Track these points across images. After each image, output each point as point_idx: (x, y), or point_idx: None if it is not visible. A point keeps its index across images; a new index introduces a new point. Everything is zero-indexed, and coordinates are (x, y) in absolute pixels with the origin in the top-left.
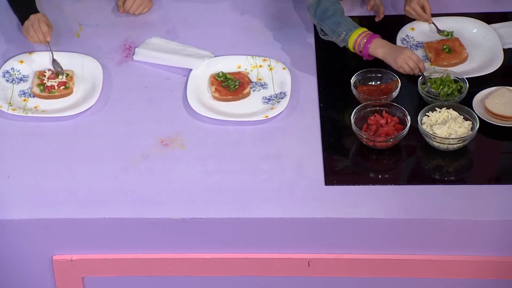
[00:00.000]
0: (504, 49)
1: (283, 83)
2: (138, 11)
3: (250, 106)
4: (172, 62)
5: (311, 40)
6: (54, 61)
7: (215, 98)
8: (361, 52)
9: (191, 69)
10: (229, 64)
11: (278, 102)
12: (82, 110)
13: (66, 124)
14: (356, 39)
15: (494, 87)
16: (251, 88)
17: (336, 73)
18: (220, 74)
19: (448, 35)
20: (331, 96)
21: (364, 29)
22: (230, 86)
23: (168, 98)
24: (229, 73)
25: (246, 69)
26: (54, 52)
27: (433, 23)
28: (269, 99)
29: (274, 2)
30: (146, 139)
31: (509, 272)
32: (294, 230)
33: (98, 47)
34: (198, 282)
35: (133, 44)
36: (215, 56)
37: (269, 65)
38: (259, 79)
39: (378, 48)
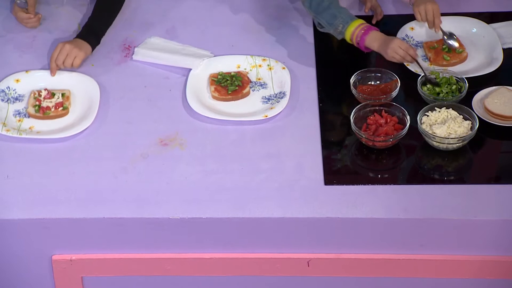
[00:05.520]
0: (503, 49)
1: (282, 82)
2: (67, 63)
3: (250, 105)
4: (172, 61)
5: (311, 39)
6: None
7: (214, 98)
8: (358, 44)
9: (190, 69)
10: (228, 64)
11: (278, 101)
12: (77, 132)
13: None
14: (353, 31)
15: (494, 87)
16: (250, 87)
17: (336, 72)
18: (220, 74)
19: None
20: (330, 96)
21: (361, 21)
22: (229, 86)
23: (167, 98)
24: (226, 73)
25: (245, 69)
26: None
27: (442, 29)
28: (268, 99)
29: (273, 1)
30: (146, 139)
31: (509, 272)
32: (294, 229)
33: (97, 47)
34: (198, 282)
35: (133, 44)
36: (214, 56)
37: (268, 65)
38: (259, 79)
39: (374, 42)
